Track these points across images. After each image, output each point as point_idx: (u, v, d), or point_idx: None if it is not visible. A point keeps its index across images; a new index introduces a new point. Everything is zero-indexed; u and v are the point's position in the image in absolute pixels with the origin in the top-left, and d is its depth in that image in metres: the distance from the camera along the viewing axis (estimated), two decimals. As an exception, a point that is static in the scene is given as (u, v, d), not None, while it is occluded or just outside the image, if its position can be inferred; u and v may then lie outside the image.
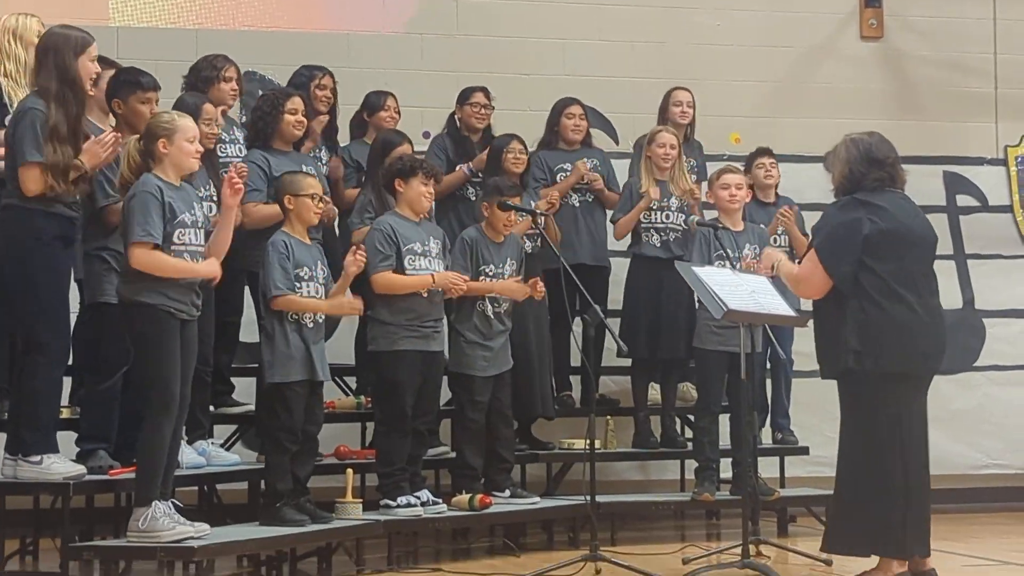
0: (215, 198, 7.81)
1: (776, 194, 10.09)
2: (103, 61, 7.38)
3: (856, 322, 6.92)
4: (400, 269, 8.08)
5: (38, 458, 6.84)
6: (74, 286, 7.34)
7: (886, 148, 7.19)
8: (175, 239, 6.75)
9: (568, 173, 9.64)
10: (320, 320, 7.69)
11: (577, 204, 9.68)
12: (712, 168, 9.61)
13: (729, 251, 8.70)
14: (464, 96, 9.69)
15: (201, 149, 7.03)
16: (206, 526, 6.97)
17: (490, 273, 8.54)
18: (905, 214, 7.10)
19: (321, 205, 7.80)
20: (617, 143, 10.78)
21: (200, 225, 6.92)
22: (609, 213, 9.76)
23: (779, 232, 9.76)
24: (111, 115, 7.56)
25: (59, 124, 6.78)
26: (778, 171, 10.06)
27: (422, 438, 8.30)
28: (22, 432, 6.87)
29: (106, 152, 6.98)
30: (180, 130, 6.83)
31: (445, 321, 8.46)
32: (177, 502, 6.88)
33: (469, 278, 8.34)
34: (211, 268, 6.92)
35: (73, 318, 7.31)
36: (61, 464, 6.90)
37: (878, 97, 11.57)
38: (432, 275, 8.10)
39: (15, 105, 7.06)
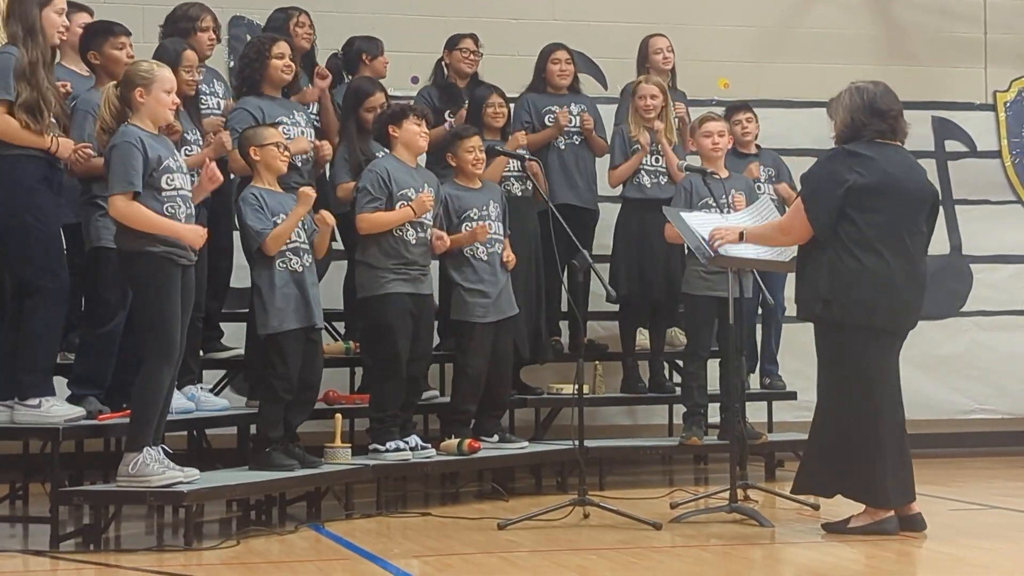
0: (200, 143, 7.87)
1: (757, 146, 10.05)
2: (78, 7, 7.37)
3: (830, 270, 6.94)
4: None
5: (36, 401, 6.85)
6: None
7: (890, 99, 7.15)
8: (164, 184, 6.72)
9: (555, 116, 9.61)
10: (309, 263, 7.69)
11: (563, 147, 9.66)
12: (697, 114, 9.58)
13: (716, 198, 8.67)
14: (453, 42, 9.65)
15: (178, 101, 7.01)
16: (195, 471, 6.98)
17: (475, 217, 8.51)
18: (897, 168, 7.05)
19: (287, 154, 7.76)
20: (606, 88, 10.74)
21: (185, 170, 6.91)
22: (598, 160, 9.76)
23: (761, 180, 9.76)
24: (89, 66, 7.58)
25: (27, 68, 6.80)
26: (756, 124, 9.98)
27: (416, 384, 8.31)
28: (20, 375, 6.87)
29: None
30: (158, 80, 6.80)
31: (436, 266, 8.46)
32: (166, 447, 6.89)
33: (447, 231, 8.33)
34: (195, 234, 6.82)
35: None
36: (60, 407, 6.92)
37: (867, 42, 11.53)
38: (410, 205, 8.02)
39: None
